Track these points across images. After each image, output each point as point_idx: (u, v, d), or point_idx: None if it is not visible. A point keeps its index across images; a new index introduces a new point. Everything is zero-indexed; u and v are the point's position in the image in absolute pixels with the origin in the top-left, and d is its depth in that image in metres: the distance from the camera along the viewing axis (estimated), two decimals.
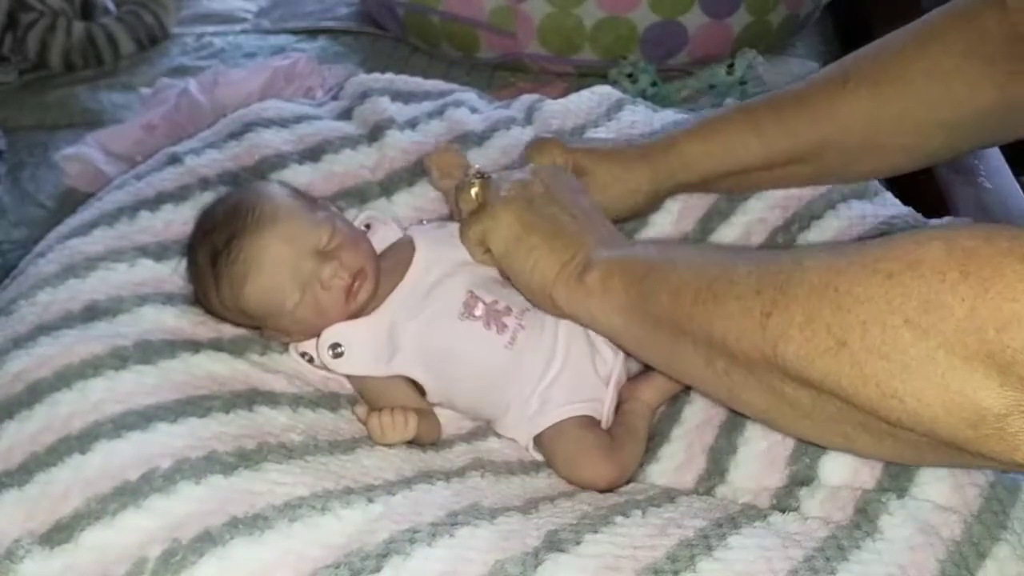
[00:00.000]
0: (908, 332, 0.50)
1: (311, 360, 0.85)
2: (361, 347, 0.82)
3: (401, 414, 0.78)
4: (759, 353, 0.58)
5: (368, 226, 0.92)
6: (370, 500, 0.68)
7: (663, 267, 0.68)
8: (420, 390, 0.84)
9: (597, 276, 0.72)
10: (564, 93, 1.12)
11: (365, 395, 0.84)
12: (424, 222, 0.94)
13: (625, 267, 0.71)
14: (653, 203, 0.94)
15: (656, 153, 0.90)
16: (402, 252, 0.86)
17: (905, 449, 0.56)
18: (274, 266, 0.81)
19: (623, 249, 0.74)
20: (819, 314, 0.55)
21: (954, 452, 0.52)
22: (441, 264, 0.84)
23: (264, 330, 0.85)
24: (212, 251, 0.82)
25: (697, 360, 0.64)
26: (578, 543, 0.65)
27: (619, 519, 0.68)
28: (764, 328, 0.58)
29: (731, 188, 0.94)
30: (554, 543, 0.65)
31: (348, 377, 0.85)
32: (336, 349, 0.82)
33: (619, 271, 0.71)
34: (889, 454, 0.61)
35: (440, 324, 0.82)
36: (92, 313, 0.80)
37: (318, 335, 0.84)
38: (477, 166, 0.88)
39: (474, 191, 0.83)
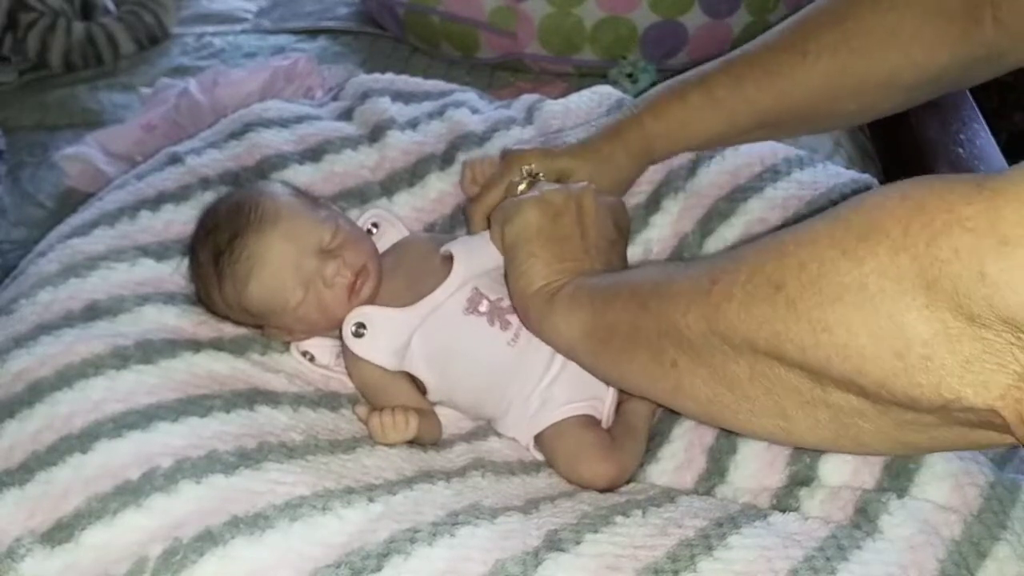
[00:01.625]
0: (845, 261, 0.50)
1: (312, 359, 0.85)
2: (384, 335, 0.83)
3: (402, 414, 0.78)
4: (704, 322, 0.59)
5: (376, 225, 0.92)
6: (371, 500, 0.68)
7: (631, 276, 0.70)
8: (422, 389, 0.84)
9: (568, 294, 0.74)
10: (564, 93, 1.12)
11: (366, 394, 0.84)
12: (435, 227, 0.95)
13: (596, 286, 0.72)
14: (639, 175, 0.97)
15: (626, 135, 0.92)
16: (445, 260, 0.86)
17: (839, 423, 0.55)
18: (277, 264, 0.81)
19: (605, 276, 0.75)
20: (761, 268, 0.55)
21: (885, 419, 0.52)
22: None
23: (266, 329, 0.85)
24: (215, 250, 0.82)
25: (647, 360, 0.65)
26: (578, 543, 0.65)
27: (619, 519, 0.68)
28: (709, 294, 0.58)
29: (704, 149, 0.97)
30: (554, 543, 0.65)
31: (350, 375, 0.85)
32: (359, 329, 0.83)
33: (589, 290, 0.72)
34: (826, 434, 0.58)
35: (444, 319, 0.82)
36: (93, 312, 0.80)
37: (319, 334, 0.84)
38: (532, 166, 0.89)
39: (521, 188, 0.87)
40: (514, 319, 0.82)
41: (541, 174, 0.88)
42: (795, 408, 0.56)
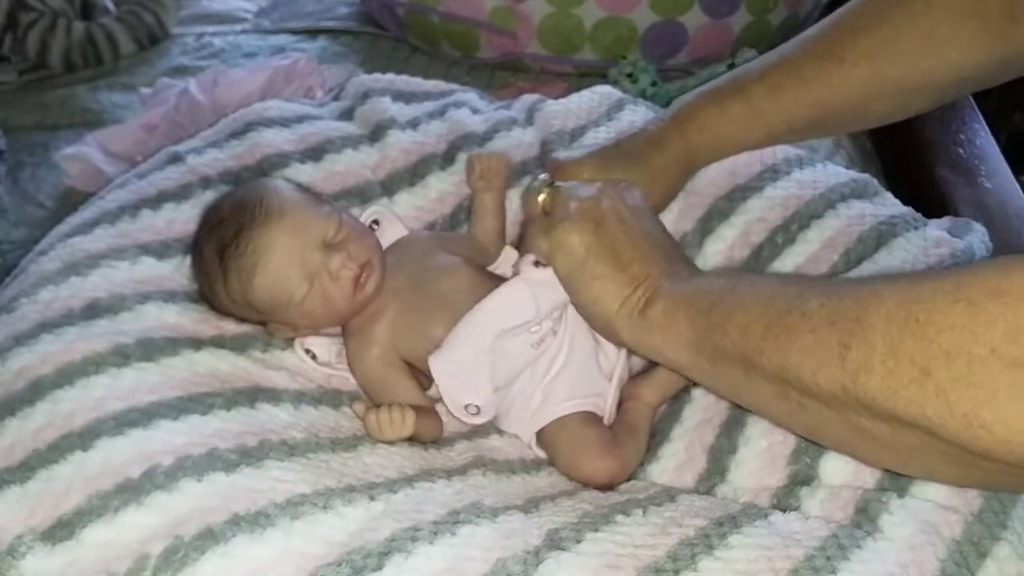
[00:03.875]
0: (995, 361, 0.49)
1: (314, 357, 0.85)
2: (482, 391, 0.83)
3: (399, 411, 0.78)
4: (838, 386, 0.56)
5: (377, 222, 0.93)
6: (372, 498, 0.68)
7: (728, 300, 0.66)
8: (424, 385, 0.84)
9: (661, 310, 0.70)
10: (564, 93, 1.12)
11: (369, 391, 0.84)
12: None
13: (689, 300, 0.69)
14: (683, 186, 0.96)
15: (673, 147, 0.91)
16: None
17: (992, 477, 0.55)
18: (283, 257, 0.81)
19: (687, 281, 0.72)
20: (901, 345, 0.53)
21: None
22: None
23: (270, 325, 0.85)
24: (220, 244, 0.82)
25: (769, 394, 0.63)
26: (579, 541, 0.65)
27: (620, 518, 0.68)
28: (843, 360, 0.56)
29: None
30: (555, 541, 0.65)
31: (352, 372, 0.85)
32: (470, 408, 0.83)
33: (683, 304, 0.69)
34: (976, 482, 0.60)
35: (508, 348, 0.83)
36: (94, 311, 0.80)
37: (323, 329, 0.85)
38: (546, 175, 0.85)
39: (541, 198, 0.80)
40: (546, 324, 0.82)
41: (560, 184, 0.81)
42: (942, 462, 0.56)
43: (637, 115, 1.05)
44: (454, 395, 0.82)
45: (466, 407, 0.82)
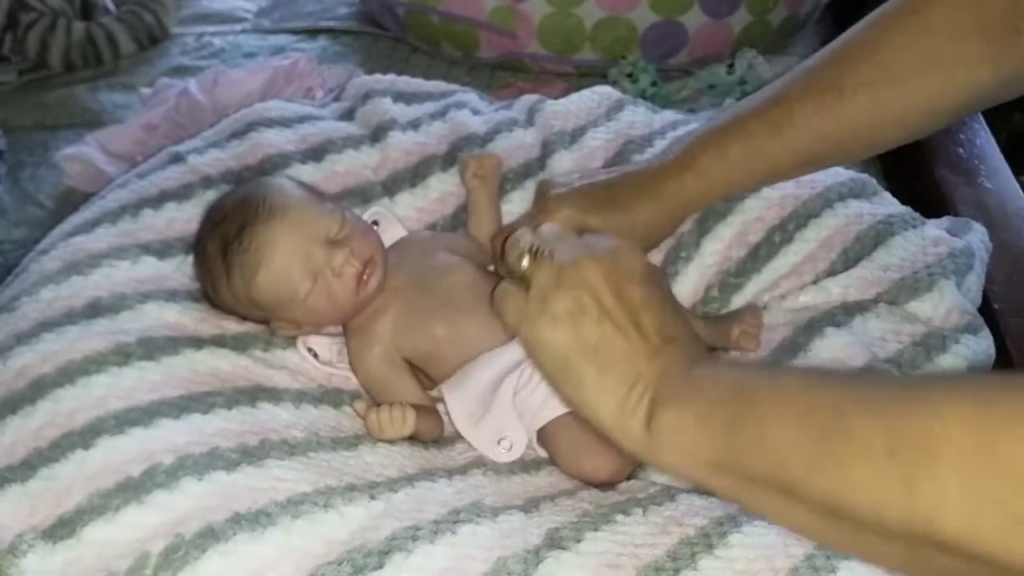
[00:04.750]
0: None
1: (316, 356, 0.85)
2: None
3: (399, 410, 0.78)
4: (906, 526, 0.49)
5: (376, 222, 0.93)
6: (373, 497, 0.68)
7: (752, 416, 0.57)
8: (426, 385, 0.84)
9: (670, 423, 0.60)
10: (564, 93, 1.12)
11: (370, 390, 0.84)
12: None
13: (702, 414, 0.60)
14: (673, 232, 0.94)
15: (665, 194, 0.89)
16: None
17: None
18: (286, 254, 0.81)
19: (692, 381, 0.62)
20: (982, 485, 0.46)
21: None
22: None
23: (273, 322, 0.85)
24: (223, 242, 0.82)
25: (815, 522, 0.56)
26: (579, 541, 0.65)
27: (620, 517, 0.68)
28: (911, 498, 0.49)
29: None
30: (555, 541, 0.65)
31: (354, 372, 0.86)
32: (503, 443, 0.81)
33: (694, 417, 0.60)
34: None
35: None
36: (95, 310, 0.80)
37: (326, 326, 0.86)
38: (534, 244, 0.71)
39: (525, 262, 0.69)
40: None
41: (544, 250, 0.69)
42: None
43: (637, 115, 1.05)
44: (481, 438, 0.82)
45: (499, 442, 0.81)
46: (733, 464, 0.58)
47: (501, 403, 0.81)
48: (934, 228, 0.92)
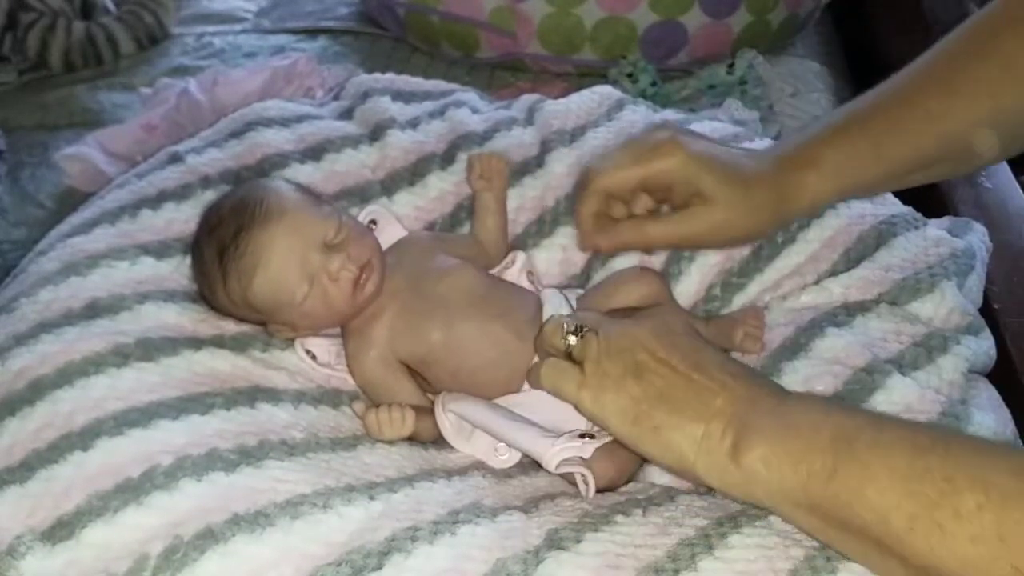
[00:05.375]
0: None
1: (314, 357, 0.85)
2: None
3: (398, 410, 0.78)
4: None
5: (374, 222, 0.93)
6: (372, 498, 0.68)
7: (854, 470, 0.58)
8: (425, 387, 0.84)
9: (759, 458, 0.61)
10: (564, 93, 1.12)
11: (368, 391, 0.84)
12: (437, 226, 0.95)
13: (798, 456, 0.60)
14: (773, 230, 0.86)
15: (785, 191, 0.80)
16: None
17: None
18: (283, 258, 0.81)
19: (784, 421, 0.63)
20: None
21: None
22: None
23: (270, 325, 0.85)
24: (219, 245, 0.82)
25: (905, 573, 0.56)
26: (579, 541, 0.65)
27: (620, 518, 0.68)
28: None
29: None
30: (555, 541, 0.65)
31: (352, 373, 0.85)
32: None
33: (790, 458, 0.60)
34: None
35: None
36: (94, 311, 0.80)
37: (323, 329, 0.85)
38: (574, 323, 0.74)
39: (572, 340, 0.72)
40: None
41: (590, 328, 0.72)
42: None
43: (637, 115, 1.05)
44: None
45: (495, 449, 0.80)
46: (830, 511, 0.58)
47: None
48: (936, 229, 0.92)
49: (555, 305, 0.84)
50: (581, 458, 0.74)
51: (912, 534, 0.54)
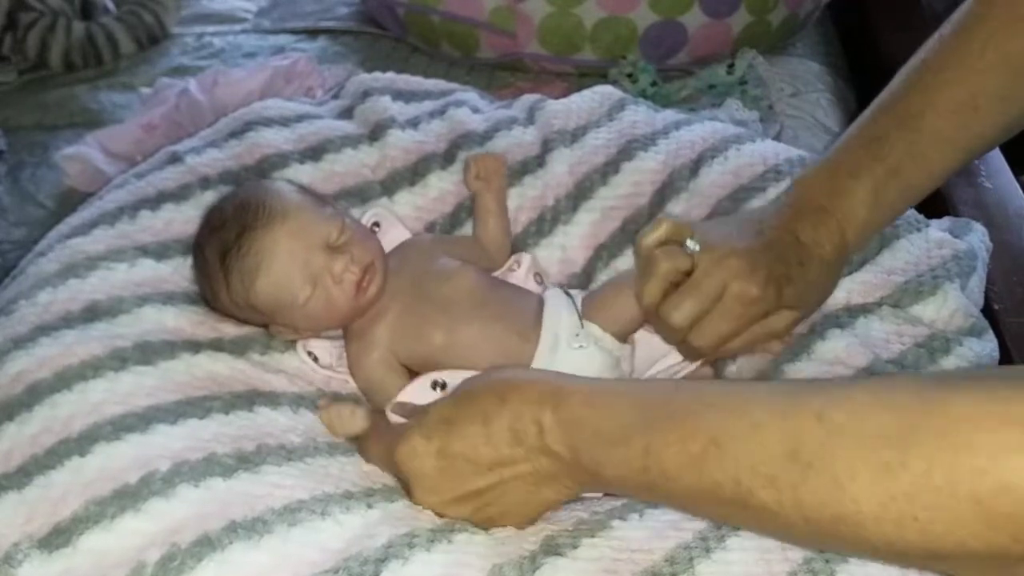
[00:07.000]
0: None
1: (316, 359, 0.85)
2: None
3: (348, 407, 0.77)
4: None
5: (378, 224, 0.93)
6: (369, 505, 0.68)
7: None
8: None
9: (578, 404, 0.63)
10: (564, 93, 1.12)
11: (368, 394, 0.85)
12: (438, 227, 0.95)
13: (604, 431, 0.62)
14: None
15: (824, 250, 0.79)
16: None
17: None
18: (286, 260, 0.81)
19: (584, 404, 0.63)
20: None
21: None
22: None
23: (272, 327, 0.85)
24: (222, 247, 0.82)
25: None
26: (576, 547, 0.65)
27: (616, 523, 0.68)
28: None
29: None
30: (551, 547, 0.65)
31: (353, 376, 0.86)
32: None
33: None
34: None
35: None
36: (92, 313, 0.80)
37: (325, 331, 0.85)
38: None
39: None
40: None
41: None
42: None
43: (638, 115, 1.05)
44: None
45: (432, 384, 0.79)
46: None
47: None
48: (937, 231, 0.92)
49: (558, 304, 0.84)
50: None
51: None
